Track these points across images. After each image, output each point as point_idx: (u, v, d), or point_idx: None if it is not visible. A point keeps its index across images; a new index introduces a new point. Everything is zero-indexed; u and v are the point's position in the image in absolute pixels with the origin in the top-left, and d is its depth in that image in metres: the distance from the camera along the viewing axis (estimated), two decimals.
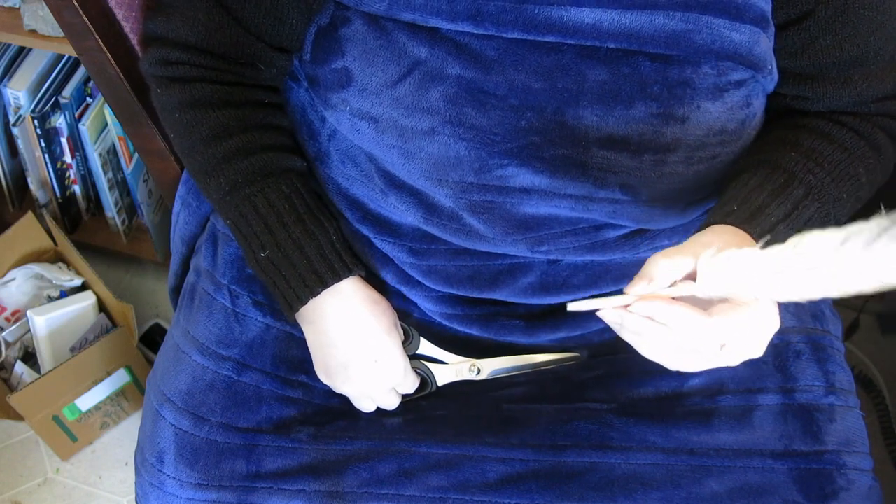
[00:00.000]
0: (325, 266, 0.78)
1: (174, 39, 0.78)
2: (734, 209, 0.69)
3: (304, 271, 0.78)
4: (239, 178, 0.78)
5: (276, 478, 0.79)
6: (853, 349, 1.43)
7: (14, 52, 1.35)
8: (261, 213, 0.78)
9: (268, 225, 0.78)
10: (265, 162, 0.79)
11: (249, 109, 0.80)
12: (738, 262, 0.59)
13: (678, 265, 0.62)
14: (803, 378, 0.83)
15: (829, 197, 0.72)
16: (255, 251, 0.79)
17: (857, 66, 0.73)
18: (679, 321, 0.61)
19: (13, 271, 1.41)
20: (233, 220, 0.80)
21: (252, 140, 0.79)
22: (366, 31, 0.72)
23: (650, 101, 0.70)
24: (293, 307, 0.78)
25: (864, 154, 0.75)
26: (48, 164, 1.39)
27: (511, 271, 0.84)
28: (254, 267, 0.80)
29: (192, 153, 0.80)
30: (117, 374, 1.35)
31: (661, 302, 0.62)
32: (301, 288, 0.78)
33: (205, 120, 0.78)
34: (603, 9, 0.68)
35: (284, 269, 0.78)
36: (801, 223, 0.70)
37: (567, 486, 0.78)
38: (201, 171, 0.80)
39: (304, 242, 0.78)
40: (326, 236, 0.79)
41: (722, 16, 0.68)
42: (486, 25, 0.69)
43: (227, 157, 0.78)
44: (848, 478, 0.78)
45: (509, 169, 0.73)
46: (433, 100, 0.71)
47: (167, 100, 0.80)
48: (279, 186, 0.79)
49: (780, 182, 0.71)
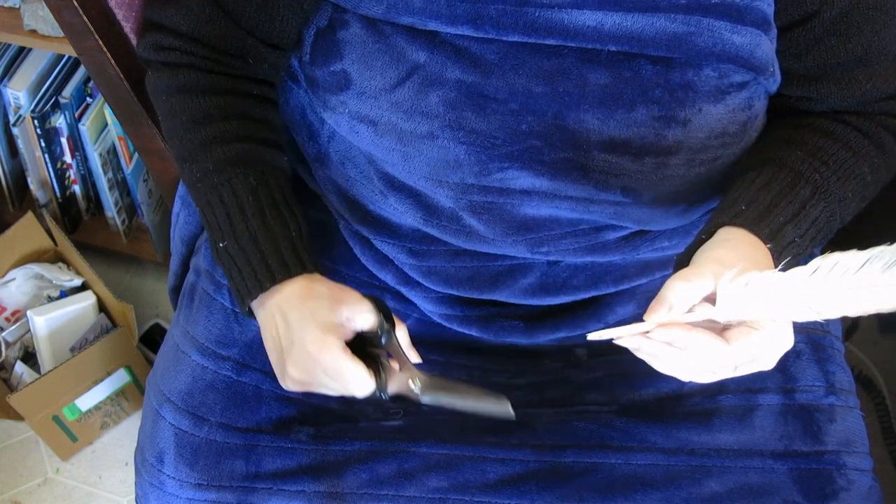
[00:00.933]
0: (278, 262, 0.74)
1: (168, 26, 0.78)
2: (742, 209, 0.68)
3: (257, 266, 0.74)
4: (210, 165, 0.76)
5: (276, 478, 0.79)
6: (853, 349, 1.43)
7: (14, 52, 1.35)
8: (225, 204, 0.76)
9: (229, 216, 0.76)
10: (239, 152, 0.77)
11: (234, 98, 0.79)
12: (757, 287, 0.59)
13: (696, 289, 0.62)
14: (803, 378, 0.83)
15: (835, 196, 0.72)
16: (216, 241, 0.77)
17: (861, 67, 0.73)
18: (698, 348, 0.62)
19: (13, 271, 1.41)
20: (201, 209, 0.78)
21: (230, 129, 0.78)
22: (364, 34, 0.72)
23: (651, 104, 0.70)
24: (244, 301, 0.75)
25: (868, 153, 0.75)
26: (48, 164, 1.39)
27: (511, 272, 0.84)
28: (215, 257, 0.78)
29: (174, 138, 0.79)
30: (117, 374, 1.35)
31: (680, 329, 0.61)
32: (252, 282, 0.74)
33: (188, 105, 0.78)
34: (604, 11, 0.67)
35: (239, 262, 0.75)
36: (808, 223, 0.70)
37: (567, 486, 0.78)
38: (180, 157, 0.79)
39: (259, 237, 0.75)
40: (286, 232, 0.76)
41: (723, 18, 0.67)
42: (487, 29, 0.69)
43: (204, 144, 0.77)
44: (848, 478, 0.78)
45: (510, 172, 0.73)
46: (432, 104, 0.71)
47: (157, 83, 0.80)
48: (247, 178, 0.76)
49: (787, 181, 0.71)
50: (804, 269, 0.58)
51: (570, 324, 0.87)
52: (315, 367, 0.71)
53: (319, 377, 0.72)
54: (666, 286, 0.63)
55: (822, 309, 0.59)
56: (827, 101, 0.76)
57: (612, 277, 0.85)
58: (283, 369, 0.73)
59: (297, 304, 0.72)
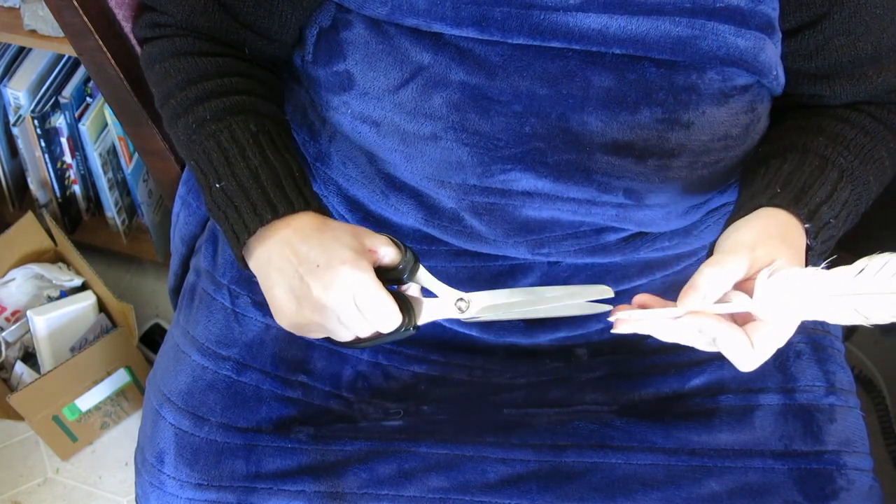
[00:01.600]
0: (279, 195, 0.69)
1: (163, 11, 0.78)
2: (778, 191, 0.68)
3: (256, 200, 0.69)
4: (207, 115, 0.74)
5: (276, 478, 0.79)
6: (853, 349, 1.43)
7: (14, 52, 1.35)
8: (223, 148, 0.72)
9: (227, 158, 0.71)
10: (237, 102, 0.75)
11: (230, 60, 0.78)
12: (799, 283, 0.58)
13: (728, 275, 0.61)
14: (804, 378, 0.83)
15: (860, 180, 0.72)
16: (210, 185, 0.72)
17: (871, 63, 0.74)
18: (727, 342, 0.61)
19: (13, 271, 1.41)
20: (196, 160, 0.74)
21: (228, 84, 0.76)
22: (368, 35, 0.72)
23: (655, 106, 0.70)
24: (240, 239, 0.69)
25: (884, 137, 0.75)
26: (48, 164, 1.39)
27: (511, 272, 0.84)
28: (208, 205, 0.73)
29: (167, 100, 0.77)
30: (117, 374, 1.35)
31: (712, 319, 0.60)
32: (251, 217, 0.68)
33: (183, 66, 0.76)
34: (609, 14, 0.67)
35: (237, 199, 0.69)
36: (839, 205, 0.69)
37: (567, 486, 0.78)
38: (174, 116, 0.76)
39: (261, 172, 0.70)
40: (287, 170, 0.71)
41: (728, 22, 0.68)
42: (492, 31, 0.69)
43: (200, 97, 0.75)
44: (848, 478, 0.78)
45: (512, 173, 0.73)
46: (436, 105, 0.71)
47: (150, 52, 0.79)
48: (247, 124, 0.73)
49: (815, 165, 0.70)
50: (849, 269, 0.56)
51: (570, 324, 0.87)
52: (343, 293, 0.65)
53: (343, 308, 0.66)
54: (698, 272, 0.62)
55: (869, 312, 0.57)
56: (839, 97, 0.76)
57: (612, 277, 0.85)
58: (297, 304, 0.67)
59: (314, 234, 0.67)
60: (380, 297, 0.66)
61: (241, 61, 0.79)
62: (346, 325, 0.67)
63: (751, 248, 0.62)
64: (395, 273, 0.69)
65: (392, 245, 0.68)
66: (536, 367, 0.87)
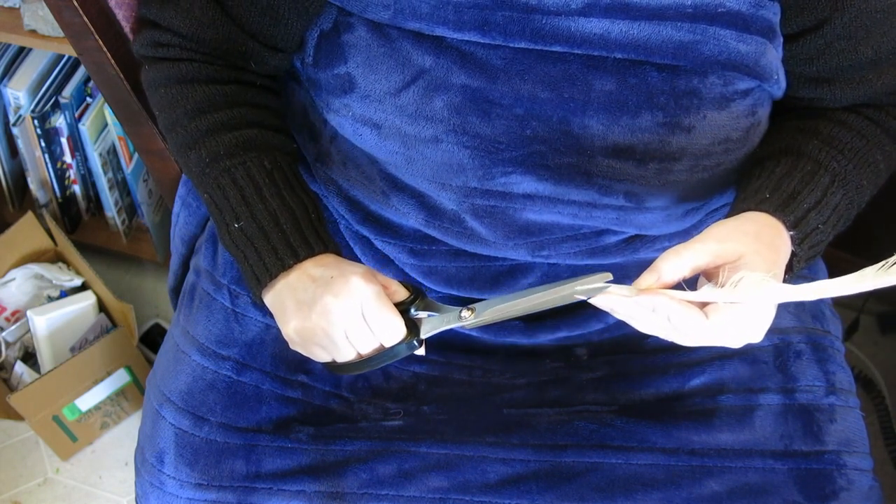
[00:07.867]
0: (299, 239, 0.72)
1: (166, 27, 0.77)
2: (766, 197, 0.69)
3: (277, 244, 0.72)
4: (221, 149, 0.75)
5: (276, 478, 0.79)
6: (853, 349, 1.43)
7: (14, 52, 1.35)
8: (239, 186, 0.74)
9: (244, 197, 0.74)
10: (249, 137, 0.76)
11: (237, 87, 0.79)
12: (782, 294, 0.61)
13: (685, 262, 0.63)
14: (804, 378, 0.83)
15: (853, 184, 0.73)
16: (228, 223, 0.74)
17: (871, 67, 0.74)
18: (679, 319, 0.63)
19: (13, 271, 1.41)
20: (210, 194, 0.76)
21: (238, 116, 0.77)
22: (369, 38, 0.72)
23: (656, 110, 0.70)
24: (261, 281, 0.72)
25: (880, 141, 0.76)
26: (48, 164, 1.39)
27: (511, 272, 0.84)
28: (224, 241, 0.75)
29: (175, 127, 0.78)
30: (117, 374, 1.35)
31: (664, 298, 0.63)
32: (273, 261, 0.72)
33: (190, 94, 0.77)
34: (610, 19, 0.68)
35: (257, 241, 0.72)
36: (829, 210, 0.71)
37: (567, 486, 0.78)
38: (183, 145, 0.77)
39: (280, 215, 0.73)
40: (304, 211, 0.74)
41: (729, 27, 0.68)
42: (494, 35, 0.69)
43: (211, 130, 0.76)
44: (848, 478, 0.78)
45: (513, 176, 0.74)
46: (437, 108, 0.71)
47: (154, 75, 0.79)
48: (261, 161, 0.75)
49: (808, 169, 0.71)
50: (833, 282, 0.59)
51: (570, 324, 0.87)
52: (351, 302, 0.68)
53: (349, 316, 0.68)
54: (661, 257, 0.64)
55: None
56: (839, 100, 0.77)
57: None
58: (305, 310, 0.70)
59: (332, 263, 0.71)
60: (386, 309, 0.69)
61: (248, 88, 0.79)
62: (350, 338, 0.69)
63: (718, 241, 0.64)
64: (403, 305, 0.72)
65: (402, 287, 0.72)
66: (536, 367, 0.87)
